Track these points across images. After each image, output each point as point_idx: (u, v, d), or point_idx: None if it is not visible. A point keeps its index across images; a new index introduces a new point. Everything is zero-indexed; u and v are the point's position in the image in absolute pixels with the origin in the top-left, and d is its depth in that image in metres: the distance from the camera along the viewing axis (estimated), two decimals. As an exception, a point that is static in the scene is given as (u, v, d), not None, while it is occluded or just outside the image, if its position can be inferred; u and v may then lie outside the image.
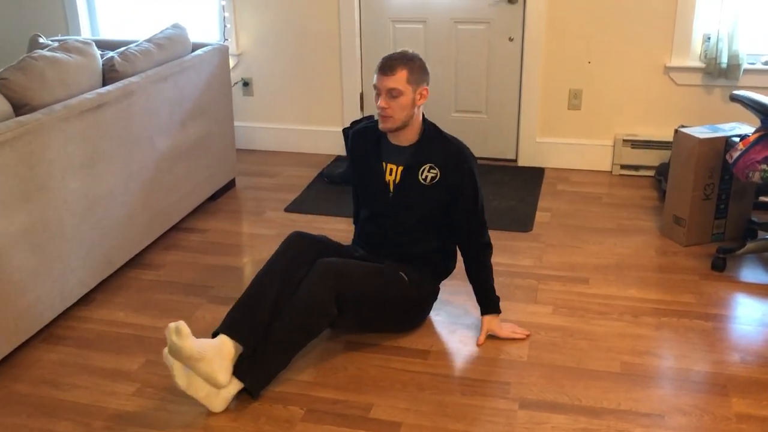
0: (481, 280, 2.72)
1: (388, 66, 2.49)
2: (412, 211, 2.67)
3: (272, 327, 2.41)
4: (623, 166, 4.33)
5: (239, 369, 2.35)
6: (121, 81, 3.14)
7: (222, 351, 2.30)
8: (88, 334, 2.81)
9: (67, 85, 2.87)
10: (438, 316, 2.87)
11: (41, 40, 3.61)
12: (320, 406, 2.38)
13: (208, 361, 2.25)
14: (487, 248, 2.72)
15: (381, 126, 2.58)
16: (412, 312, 2.75)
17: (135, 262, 3.33)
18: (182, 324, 2.20)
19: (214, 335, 2.39)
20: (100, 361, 2.63)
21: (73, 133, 2.79)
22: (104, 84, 3.13)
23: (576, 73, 4.28)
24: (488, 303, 2.72)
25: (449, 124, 4.58)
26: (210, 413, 2.33)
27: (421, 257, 2.71)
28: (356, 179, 2.84)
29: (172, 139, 3.50)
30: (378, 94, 2.53)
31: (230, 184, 4.21)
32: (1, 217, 2.46)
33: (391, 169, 2.66)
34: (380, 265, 2.65)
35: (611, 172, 4.38)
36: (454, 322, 2.83)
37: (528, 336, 2.72)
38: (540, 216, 3.80)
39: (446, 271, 2.82)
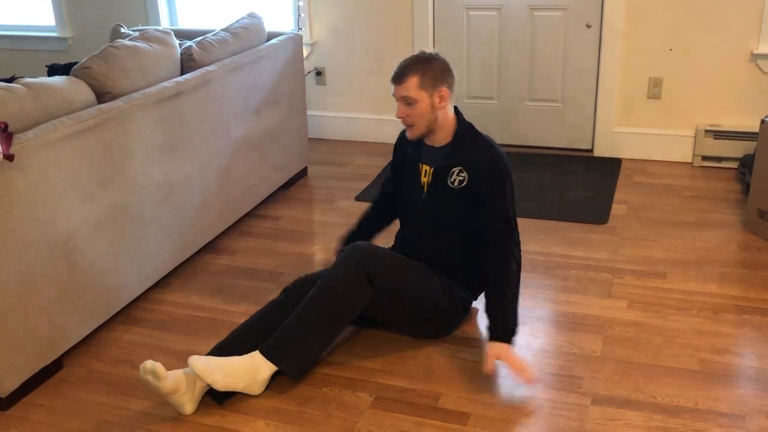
0: (497, 295, 2.42)
1: (397, 74, 2.43)
2: (442, 215, 2.57)
3: (302, 308, 2.37)
4: (705, 158, 4.18)
5: (273, 353, 2.33)
6: (199, 70, 3.20)
7: (194, 386, 2.30)
8: (163, 317, 2.89)
9: (147, 74, 2.94)
10: (508, 307, 2.83)
11: (123, 30, 3.71)
12: (389, 393, 2.38)
13: (182, 394, 2.27)
14: (510, 261, 2.44)
15: (407, 135, 2.55)
16: (436, 318, 2.58)
17: (209, 247, 3.40)
18: (159, 366, 2.20)
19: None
20: (174, 343, 2.70)
21: (152, 121, 2.87)
22: (182, 73, 3.20)
23: (656, 60, 4.15)
24: (500, 327, 2.40)
25: (523, 113, 4.52)
26: (281, 397, 2.37)
27: (451, 270, 2.58)
28: (395, 179, 2.76)
29: (246, 128, 3.55)
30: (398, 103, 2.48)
31: (302, 173, 4.26)
32: (83, 203, 2.55)
33: (425, 171, 2.59)
34: (416, 262, 2.55)
35: (692, 163, 4.23)
36: (524, 314, 2.78)
37: (533, 381, 2.35)
38: (616, 208, 3.70)
39: (480, 283, 2.58)
